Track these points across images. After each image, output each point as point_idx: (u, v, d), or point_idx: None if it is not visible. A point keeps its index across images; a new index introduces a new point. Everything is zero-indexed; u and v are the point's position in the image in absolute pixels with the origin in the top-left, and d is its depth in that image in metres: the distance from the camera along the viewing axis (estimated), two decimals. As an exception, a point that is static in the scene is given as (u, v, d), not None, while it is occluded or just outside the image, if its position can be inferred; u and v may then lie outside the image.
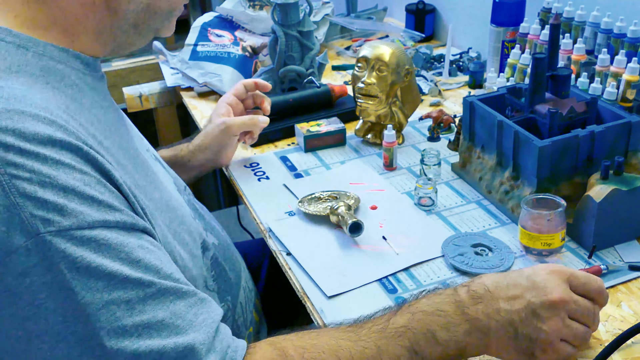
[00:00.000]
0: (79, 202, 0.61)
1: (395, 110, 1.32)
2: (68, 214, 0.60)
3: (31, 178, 0.59)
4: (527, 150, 1.01)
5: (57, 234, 0.59)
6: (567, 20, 1.39)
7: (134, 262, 0.63)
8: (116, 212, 0.64)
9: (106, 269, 0.61)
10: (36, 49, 0.70)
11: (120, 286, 0.61)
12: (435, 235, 1.04)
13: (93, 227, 0.61)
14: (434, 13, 2.00)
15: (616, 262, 0.95)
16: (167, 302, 0.64)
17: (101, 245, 0.61)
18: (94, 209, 0.62)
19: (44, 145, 0.61)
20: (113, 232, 0.62)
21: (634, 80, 1.19)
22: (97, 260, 0.60)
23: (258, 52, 1.74)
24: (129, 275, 0.62)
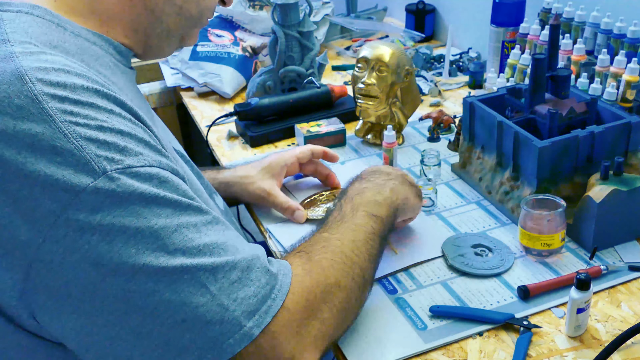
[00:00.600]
0: (136, 144, 0.65)
1: (395, 111, 1.32)
2: (129, 154, 0.63)
3: (90, 124, 0.62)
4: (527, 150, 1.01)
5: (122, 171, 0.62)
6: (567, 21, 1.39)
7: (191, 197, 0.68)
8: (164, 156, 0.68)
9: (171, 198, 0.65)
10: (73, 29, 0.73)
11: (185, 212, 0.65)
12: (435, 236, 1.04)
13: (152, 166, 0.65)
14: (434, 13, 2.00)
15: (616, 263, 0.95)
16: (222, 230, 0.69)
17: (162, 181, 0.65)
18: (149, 150, 0.66)
19: (94, 96, 0.65)
20: (168, 172, 0.67)
21: (634, 80, 1.19)
22: (162, 192, 0.64)
23: (258, 52, 1.74)
24: (191, 204, 0.67)
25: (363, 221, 0.85)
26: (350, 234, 0.82)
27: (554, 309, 0.88)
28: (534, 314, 0.87)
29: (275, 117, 1.44)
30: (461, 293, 0.91)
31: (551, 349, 0.82)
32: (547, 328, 0.85)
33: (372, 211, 0.87)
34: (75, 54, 0.71)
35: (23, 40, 0.67)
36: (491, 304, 0.89)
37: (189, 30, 0.85)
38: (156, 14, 0.79)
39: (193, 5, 0.82)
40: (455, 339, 0.84)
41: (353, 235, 0.82)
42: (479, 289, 0.92)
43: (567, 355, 0.81)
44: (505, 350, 0.82)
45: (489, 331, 0.85)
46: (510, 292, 0.91)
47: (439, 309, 0.88)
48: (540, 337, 0.83)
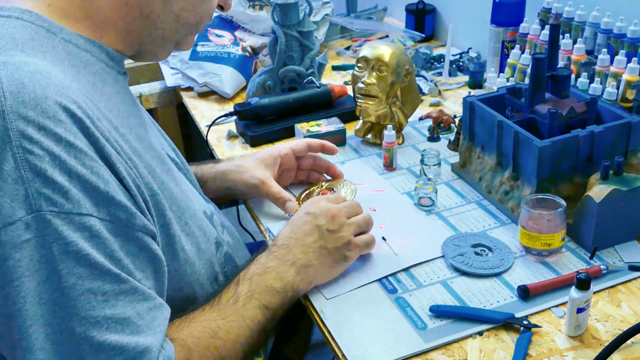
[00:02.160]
0: (82, 188, 0.63)
1: (395, 111, 1.32)
2: (71, 199, 0.62)
3: (44, 157, 0.61)
4: (527, 150, 1.01)
5: (57, 215, 0.61)
6: (567, 20, 1.39)
7: (115, 260, 0.66)
8: (113, 206, 0.66)
9: (93, 258, 0.63)
10: (64, 35, 0.73)
11: (101, 277, 0.64)
12: (435, 236, 1.04)
13: (90, 216, 0.63)
14: (434, 13, 2.00)
15: (616, 262, 0.95)
16: (134, 301, 0.67)
17: (93, 235, 0.64)
18: (94, 198, 0.64)
19: (62, 124, 0.63)
20: (106, 225, 0.65)
21: (634, 80, 1.19)
22: (87, 249, 0.63)
23: (258, 52, 1.74)
24: (110, 269, 0.65)
25: (252, 313, 0.83)
26: (235, 332, 0.80)
27: (554, 309, 0.88)
28: (534, 313, 0.87)
29: (275, 117, 1.44)
30: (461, 293, 0.91)
31: (551, 348, 0.82)
32: (547, 328, 0.85)
33: (266, 302, 0.84)
34: (64, 59, 0.71)
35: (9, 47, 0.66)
36: (491, 304, 0.89)
37: (186, 36, 0.84)
38: (152, 20, 0.78)
39: (191, 13, 0.80)
40: (455, 338, 0.84)
41: (237, 333, 0.80)
42: (479, 289, 0.92)
43: (567, 355, 0.81)
44: (505, 350, 0.82)
45: (489, 331, 0.85)
46: (510, 291, 0.91)
47: (439, 308, 0.88)
48: (540, 337, 0.83)
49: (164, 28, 0.79)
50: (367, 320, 0.88)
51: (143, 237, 0.70)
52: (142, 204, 0.71)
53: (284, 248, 0.90)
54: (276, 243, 0.92)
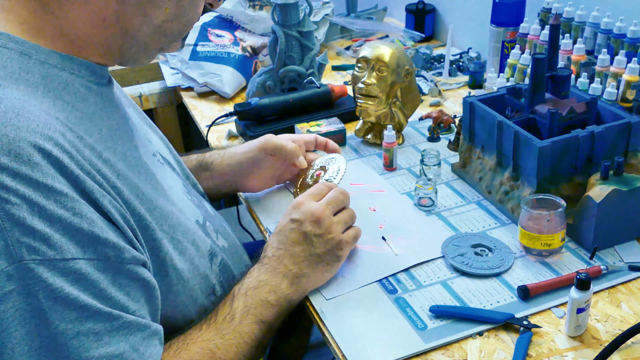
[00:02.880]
0: (65, 232, 0.62)
1: (395, 111, 1.32)
2: (53, 245, 0.61)
3: (21, 204, 0.59)
4: (527, 150, 1.01)
5: (40, 263, 0.60)
6: (567, 20, 1.39)
7: (106, 298, 0.65)
8: (99, 244, 0.65)
9: (81, 301, 0.62)
10: (38, 56, 0.70)
11: (92, 318, 0.63)
12: (435, 236, 1.04)
13: (75, 259, 0.62)
14: (434, 13, 2.00)
15: (616, 262, 0.95)
16: (128, 335, 0.67)
17: (79, 278, 0.62)
18: (78, 240, 0.63)
19: (38, 167, 0.61)
20: (93, 265, 0.64)
21: (634, 80, 1.19)
22: (74, 292, 0.62)
23: (258, 52, 1.74)
24: (101, 309, 0.64)
25: (249, 329, 0.83)
26: (234, 350, 0.81)
27: (554, 309, 0.88)
28: (534, 313, 0.87)
29: (275, 117, 1.44)
30: (461, 293, 0.91)
31: (551, 348, 0.82)
32: (547, 328, 0.85)
33: (261, 316, 0.84)
34: (40, 84, 0.68)
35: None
36: (491, 304, 0.89)
37: (169, 44, 0.80)
38: (131, 33, 0.74)
39: (174, 23, 0.76)
40: (455, 338, 0.84)
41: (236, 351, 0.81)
42: (479, 289, 0.92)
43: (567, 355, 0.81)
44: (505, 350, 0.82)
45: (489, 331, 0.85)
46: (510, 292, 0.91)
47: (439, 308, 0.88)
48: (540, 337, 0.83)
49: (145, 41, 0.76)
50: (367, 320, 0.88)
51: (134, 268, 0.69)
52: (130, 234, 0.70)
53: (275, 260, 0.90)
54: (266, 255, 0.91)
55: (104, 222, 0.66)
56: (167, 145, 1.03)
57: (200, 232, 0.88)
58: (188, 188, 0.97)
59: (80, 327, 0.62)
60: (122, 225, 0.68)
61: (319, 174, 1.11)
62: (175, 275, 0.79)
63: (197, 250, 0.85)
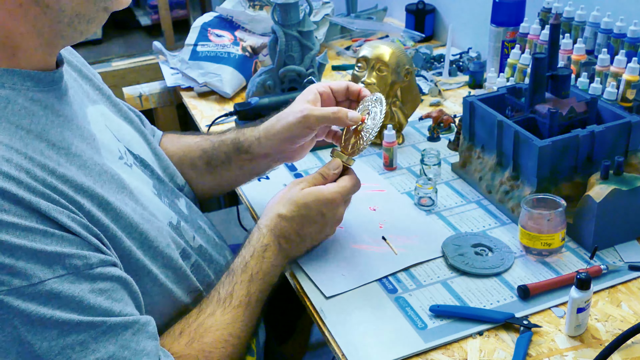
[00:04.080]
0: (27, 258, 0.61)
1: (395, 110, 1.32)
2: (17, 273, 0.60)
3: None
4: (527, 150, 1.01)
5: (8, 293, 0.60)
6: (567, 20, 1.39)
7: (85, 309, 0.65)
8: (66, 258, 0.64)
9: (59, 318, 0.62)
10: None
11: (74, 330, 0.63)
12: (435, 235, 1.04)
13: (43, 282, 0.62)
14: (434, 13, 2.00)
15: (616, 262, 0.95)
16: (115, 336, 0.67)
17: (52, 298, 0.62)
18: (43, 263, 0.62)
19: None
20: (64, 283, 0.64)
21: (634, 80, 1.19)
22: (49, 312, 0.62)
23: (258, 52, 1.74)
24: (82, 320, 0.64)
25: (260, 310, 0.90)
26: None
27: (554, 309, 0.88)
28: (534, 313, 0.87)
29: (275, 117, 1.44)
30: (461, 292, 0.91)
31: (551, 348, 0.82)
32: (547, 327, 0.85)
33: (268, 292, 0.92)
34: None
35: None
36: (491, 304, 0.89)
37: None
38: (53, 7, 0.67)
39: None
40: (455, 338, 0.84)
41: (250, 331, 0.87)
42: (479, 289, 0.92)
43: (567, 354, 0.81)
44: (505, 350, 0.82)
45: (489, 330, 0.85)
46: (510, 291, 0.91)
47: (439, 308, 0.88)
48: (540, 337, 0.83)
49: (72, 7, 0.69)
50: (367, 320, 0.87)
51: (106, 270, 0.68)
52: (95, 240, 0.68)
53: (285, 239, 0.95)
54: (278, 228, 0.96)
55: (63, 238, 0.65)
56: (144, 136, 0.98)
57: (174, 234, 0.86)
58: (161, 188, 0.94)
59: (63, 342, 0.62)
60: (85, 235, 0.67)
61: (363, 119, 0.99)
62: (149, 279, 0.78)
63: (172, 251, 0.83)
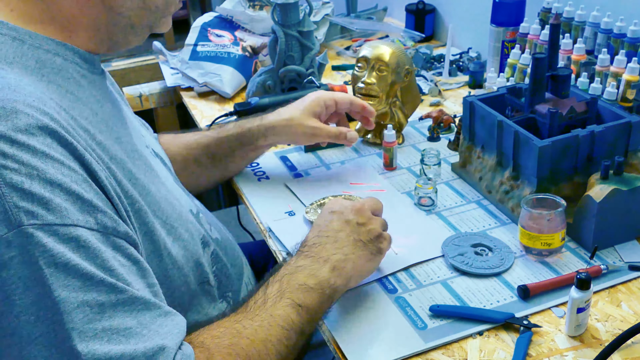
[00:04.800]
0: (65, 198, 0.61)
1: (395, 110, 1.32)
2: (53, 209, 0.59)
3: (19, 169, 0.59)
4: (527, 150, 1.01)
5: (39, 227, 0.58)
6: (567, 20, 1.39)
7: (109, 269, 0.63)
8: (99, 212, 0.64)
9: (84, 269, 0.60)
10: (32, 41, 0.71)
11: (95, 288, 0.61)
12: (435, 235, 1.04)
13: (76, 226, 0.61)
14: (434, 13, 2.00)
15: (616, 262, 0.95)
16: (135, 311, 0.64)
17: (81, 245, 0.61)
18: (78, 207, 0.62)
19: (35, 136, 0.61)
20: (94, 235, 0.63)
21: (634, 80, 1.19)
22: (76, 259, 0.60)
23: (258, 52, 1.74)
24: (104, 279, 0.62)
25: (284, 312, 0.76)
26: (264, 332, 0.74)
27: (554, 309, 0.88)
28: (534, 313, 0.87)
29: (275, 117, 1.44)
30: (461, 292, 0.91)
31: (551, 348, 0.82)
32: (547, 327, 0.85)
33: (299, 300, 0.78)
34: (34, 68, 0.69)
35: None
36: (491, 304, 0.89)
37: (157, 20, 0.81)
38: (116, 10, 0.76)
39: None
40: (455, 338, 0.84)
41: (267, 333, 0.74)
42: (479, 289, 0.92)
43: (567, 354, 0.81)
44: (505, 350, 0.82)
45: (489, 330, 0.85)
46: (510, 291, 0.91)
47: (439, 308, 0.88)
48: (540, 337, 0.83)
49: (130, 16, 0.77)
50: (367, 320, 0.87)
51: (128, 247, 0.67)
52: (124, 213, 0.69)
53: (316, 246, 0.85)
54: (306, 244, 0.86)
55: (99, 194, 0.65)
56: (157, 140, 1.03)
57: (194, 220, 0.88)
58: (178, 183, 0.98)
59: (83, 296, 0.60)
60: (117, 202, 0.68)
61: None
62: (170, 259, 0.78)
63: (191, 237, 0.84)
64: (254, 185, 1.23)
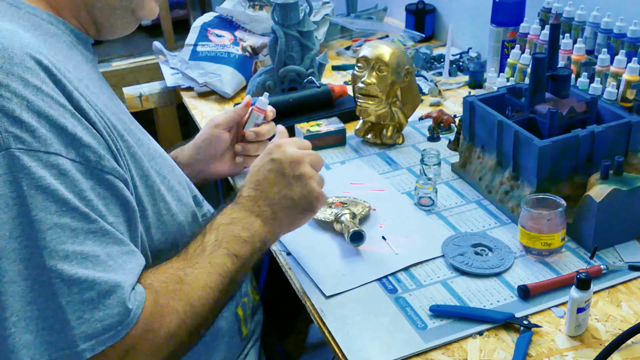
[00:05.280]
0: (51, 129, 0.65)
1: (395, 110, 1.32)
2: (39, 137, 0.64)
3: (11, 98, 0.64)
4: (527, 150, 1.01)
5: (25, 152, 0.63)
6: (567, 20, 1.39)
7: (85, 199, 0.67)
8: (83, 146, 0.68)
9: (62, 194, 0.65)
10: (28, 9, 0.75)
11: (69, 214, 0.65)
12: (435, 235, 1.04)
13: (58, 155, 0.65)
14: (434, 13, 2.00)
15: (616, 262, 0.95)
16: (105, 243, 0.68)
17: (61, 173, 0.65)
18: (63, 138, 0.66)
19: (29, 72, 0.66)
20: (74, 165, 0.67)
21: (634, 80, 1.19)
22: (55, 185, 0.64)
23: (258, 52, 1.74)
24: (79, 207, 0.66)
25: (221, 261, 0.81)
26: (204, 278, 0.78)
27: (554, 309, 0.88)
28: (534, 313, 0.87)
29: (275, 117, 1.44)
30: (461, 292, 0.91)
31: (551, 348, 0.82)
32: (547, 327, 0.85)
33: (234, 250, 0.83)
34: (30, 29, 0.72)
35: None
36: (491, 304, 0.89)
37: (138, 3, 0.83)
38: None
39: None
40: (455, 338, 0.84)
41: (206, 279, 0.78)
42: (479, 289, 0.92)
43: (567, 354, 0.81)
44: (505, 350, 0.82)
45: (489, 330, 0.85)
46: (510, 291, 0.91)
47: (439, 308, 0.88)
48: (541, 337, 0.83)
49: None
50: (367, 320, 0.87)
51: (114, 181, 0.71)
52: (114, 149, 0.72)
53: (250, 200, 0.88)
54: (241, 194, 0.90)
55: (87, 129, 0.69)
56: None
57: (190, 183, 0.93)
58: None
59: (57, 219, 0.64)
60: (106, 138, 0.71)
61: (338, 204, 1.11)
62: (164, 205, 0.81)
63: (184, 190, 0.88)
64: (254, 185, 1.23)
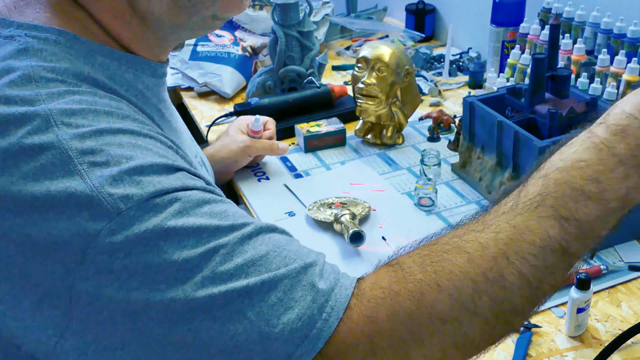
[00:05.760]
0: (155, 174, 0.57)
1: (395, 111, 1.32)
2: (145, 185, 0.55)
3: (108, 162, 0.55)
4: (527, 150, 1.01)
5: (138, 207, 0.54)
6: (567, 20, 1.39)
7: (219, 214, 0.57)
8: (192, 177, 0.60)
9: (193, 225, 0.55)
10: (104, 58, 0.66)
11: (213, 237, 0.55)
12: (435, 236, 1.03)
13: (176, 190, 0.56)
14: (434, 13, 2.00)
15: (616, 262, 0.95)
16: (265, 238, 0.58)
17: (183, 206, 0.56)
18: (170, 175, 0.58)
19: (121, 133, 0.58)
20: (192, 192, 0.57)
21: (634, 80, 1.19)
22: (181, 220, 0.55)
23: (258, 52, 1.74)
24: (220, 225, 0.56)
25: (538, 224, 0.54)
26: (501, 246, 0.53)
27: (554, 309, 0.88)
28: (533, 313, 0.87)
29: (275, 117, 1.44)
30: (461, 293, 0.91)
31: (551, 348, 0.82)
32: (547, 328, 0.85)
33: (565, 211, 0.55)
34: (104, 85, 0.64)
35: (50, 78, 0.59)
36: (491, 304, 0.89)
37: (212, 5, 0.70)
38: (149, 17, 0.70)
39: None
40: (455, 338, 0.84)
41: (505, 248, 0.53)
42: (479, 289, 0.92)
43: (567, 355, 0.81)
44: (505, 350, 0.82)
45: (489, 331, 0.85)
46: (510, 291, 0.91)
47: (439, 308, 0.87)
48: (540, 337, 0.83)
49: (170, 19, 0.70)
50: (367, 320, 0.87)
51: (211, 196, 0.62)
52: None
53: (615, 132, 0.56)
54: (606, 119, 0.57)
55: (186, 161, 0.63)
56: None
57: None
58: None
59: (203, 247, 0.54)
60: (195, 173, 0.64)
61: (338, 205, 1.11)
62: None
63: None
64: (254, 185, 1.23)
